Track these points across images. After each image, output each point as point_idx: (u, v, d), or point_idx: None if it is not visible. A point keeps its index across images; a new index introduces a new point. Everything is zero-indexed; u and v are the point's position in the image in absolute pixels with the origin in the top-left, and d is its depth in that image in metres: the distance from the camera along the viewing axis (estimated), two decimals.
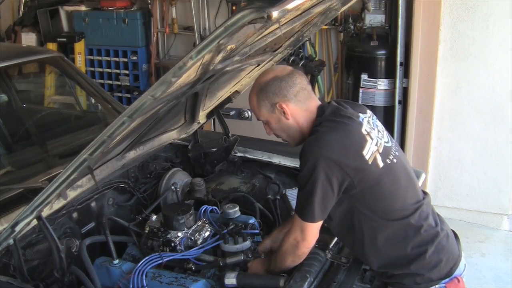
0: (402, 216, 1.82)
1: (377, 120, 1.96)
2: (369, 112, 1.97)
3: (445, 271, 1.85)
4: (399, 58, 4.18)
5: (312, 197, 1.73)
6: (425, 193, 1.98)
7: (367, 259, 1.91)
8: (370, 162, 1.75)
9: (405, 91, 4.26)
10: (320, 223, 1.82)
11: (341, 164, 1.71)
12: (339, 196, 1.77)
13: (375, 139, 1.81)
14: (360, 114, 1.89)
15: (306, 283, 1.84)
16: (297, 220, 1.82)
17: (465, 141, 4.22)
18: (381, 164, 1.78)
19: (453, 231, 2.00)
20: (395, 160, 1.84)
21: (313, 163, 1.71)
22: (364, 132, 1.80)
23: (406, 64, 4.19)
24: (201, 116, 2.80)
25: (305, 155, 1.75)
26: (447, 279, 1.85)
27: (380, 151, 1.80)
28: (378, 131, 1.88)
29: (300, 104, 1.87)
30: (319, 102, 1.94)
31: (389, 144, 1.88)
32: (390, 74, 4.28)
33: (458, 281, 1.88)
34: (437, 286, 1.85)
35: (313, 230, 1.82)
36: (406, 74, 4.22)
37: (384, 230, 1.82)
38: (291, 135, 1.94)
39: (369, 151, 1.77)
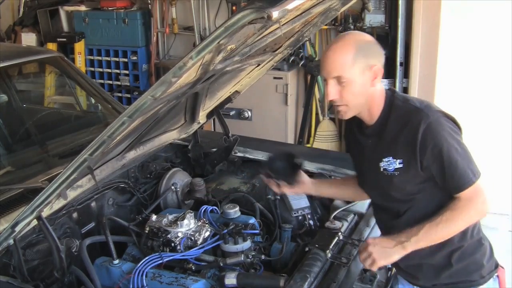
0: None
1: None
2: None
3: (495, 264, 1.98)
4: (399, 58, 4.19)
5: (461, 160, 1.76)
6: None
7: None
8: None
9: (405, 91, 4.25)
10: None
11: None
12: None
13: None
14: None
15: (306, 283, 1.84)
16: (464, 192, 1.72)
17: (464, 141, 4.20)
18: None
19: None
20: None
21: (439, 129, 1.75)
22: None
23: (406, 64, 4.19)
24: (201, 116, 2.80)
25: (429, 129, 1.71)
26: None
27: None
28: None
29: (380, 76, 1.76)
30: None
31: None
32: (390, 74, 4.27)
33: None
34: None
35: (482, 188, 1.73)
36: (406, 74, 4.22)
37: None
38: (358, 104, 1.75)
39: None
